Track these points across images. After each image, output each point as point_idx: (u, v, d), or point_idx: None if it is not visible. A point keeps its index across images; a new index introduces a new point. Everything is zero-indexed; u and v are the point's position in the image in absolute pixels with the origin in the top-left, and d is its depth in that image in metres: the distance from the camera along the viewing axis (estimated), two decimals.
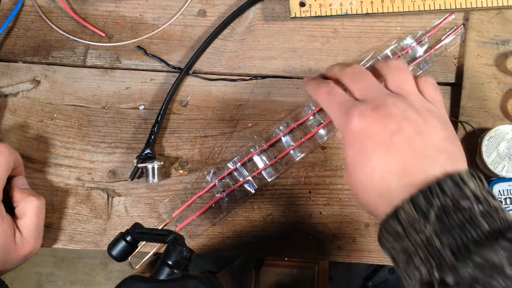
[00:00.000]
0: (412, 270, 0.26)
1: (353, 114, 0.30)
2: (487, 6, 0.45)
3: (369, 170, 0.29)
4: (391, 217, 0.27)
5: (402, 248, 0.27)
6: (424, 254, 0.26)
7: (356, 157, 0.30)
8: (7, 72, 0.48)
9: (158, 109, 0.46)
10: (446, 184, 0.26)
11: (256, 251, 0.46)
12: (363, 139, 0.29)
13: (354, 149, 0.30)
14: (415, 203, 0.26)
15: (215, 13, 0.49)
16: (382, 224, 0.29)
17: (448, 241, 0.25)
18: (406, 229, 0.26)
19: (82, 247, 0.46)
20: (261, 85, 0.48)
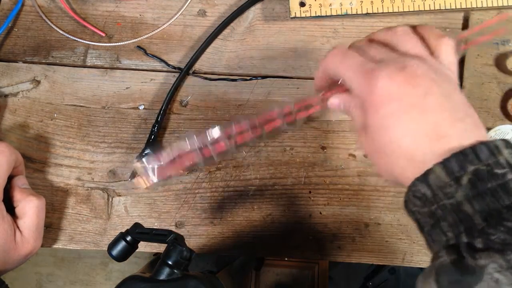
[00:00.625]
0: (438, 233, 0.26)
1: (379, 74, 0.28)
2: (487, 6, 0.45)
3: (399, 133, 0.28)
4: (420, 181, 0.26)
5: (429, 212, 0.26)
6: (453, 218, 0.25)
7: (383, 120, 0.28)
8: (7, 72, 0.48)
9: (158, 109, 0.46)
10: (481, 150, 0.25)
11: (256, 251, 0.46)
12: (392, 101, 0.28)
13: (381, 112, 0.28)
14: (447, 168, 0.25)
15: (215, 13, 0.49)
16: (410, 188, 0.27)
17: (480, 207, 0.24)
18: (435, 193, 0.26)
19: (82, 247, 0.46)
20: (261, 85, 0.48)
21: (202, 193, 0.46)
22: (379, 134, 0.29)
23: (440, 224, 0.26)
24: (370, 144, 0.30)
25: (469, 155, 0.25)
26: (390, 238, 0.46)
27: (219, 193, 0.46)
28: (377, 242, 0.46)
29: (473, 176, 0.25)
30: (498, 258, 0.22)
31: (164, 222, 0.46)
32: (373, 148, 0.30)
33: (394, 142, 0.28)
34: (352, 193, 0.46)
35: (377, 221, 0.46)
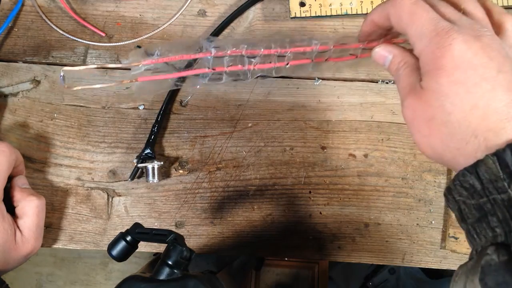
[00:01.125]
0: (484, 228, 0.24)
1: (456, 37, 0.25)
2: None
3: (468, 104, 0.25)
4: (469, 172, 0.25)
5: (477, 205, 0.25)
6: (503, 214, 0.23)
7: (451, 87, 0.25)
8: (7, 72, 0.48)
9: (158, 109, 0.46)
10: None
11: (256, 251, 0.46)
12: (466, 69, 0.25)
13: (451, 77, 0.25)
14: (501, 160, 0.23)
15: (215, 13, 0.49)
16: (457, 177, 0.25)
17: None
18: (486, 186, 0.24)
19: (82, 247, 0.46)
20: (261, 85, 0.48)
21: (202, 193, 0.46)
22: (443, 99, 0.26)
23: (488, 219, 0.24)
24: (423, 109, 0.27)
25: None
26: (390, 238, 0.46)
27: (219, 193, 0.46)
28: (377, 242, 0.46)
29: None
30: None
31: (164, 222, 0.46)
32: (426, 114, 0.27)
33: (460, 113, 0.25)
34: (352, 193, 0.46)
35: (377, 221, 0.46)
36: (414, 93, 0.28)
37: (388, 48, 0.31)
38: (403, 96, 0.29)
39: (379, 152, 0.47)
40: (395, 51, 0.31)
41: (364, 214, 0.46)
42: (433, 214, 0.46)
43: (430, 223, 0.46)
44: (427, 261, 0.46)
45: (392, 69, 0.31)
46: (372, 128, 0.47)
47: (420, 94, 0.27)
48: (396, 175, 0.46)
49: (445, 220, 0.46)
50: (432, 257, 0.46)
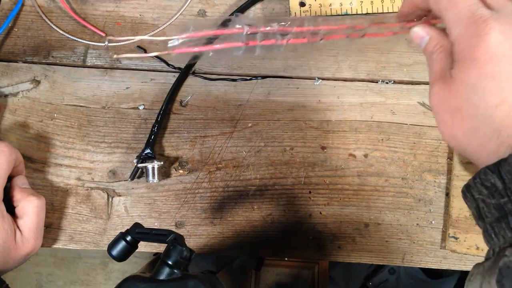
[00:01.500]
0: (503, 228, 0.24)
1: (493, 26, 0.24)
2: None
3: (496, 99, 0.24)
4: (491, 171, 0.24)
5: (497, 204, 0.24)
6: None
7: (481, 80, 0.24)
8: (7, 72, 0.48)
9: (158, 109, 0.46)
10: None
11: (256, 251, 0.46)
12: (498, 62, 0.24)
13: (484, 69, 0.24)
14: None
15: (215, 13, 0.49)
16: (478, 175, 0.25)
17: None
18: (508, 186, 0.23)
19: (82, 247, 0.46)
20: (261, 85, 0.48)
21: (202, 193, 0.46)
22: (471, 92, 0.25)
23: (508, 219, 0.23)
24: (450, 99, 0.26)
25: None
26: (390, 238, 0.46)
27: (219, 193, 0.46)
28: (377, 242, 0.46)
29: None
30: None
31: (164, 222, 0.46)
32: (452, 104, 0.26)
33: (486, 108, 0.24)
34: (352, 193, 0.46)
35: (377, 221, 0.46)
36: (443, 81, 0.27)
37: (427, 29, 0.30)
38: (432, 82, 0.28)
39: (379, 152, 0.47)
40: (433, 33, 0.30)
41: (364, 214, 0.46)
42: (433, 214, 0.46)
43: (430, 223, 0.46)
44: (427, 261, 0.46)
45: (427, 50, 0.30)
46: (372, 128, 0.47)
47: (449, 83, 0.26)
48: (396, 175, 0.46)
49: (445, 220, 0.46)
50: (432, 257, 0.46)
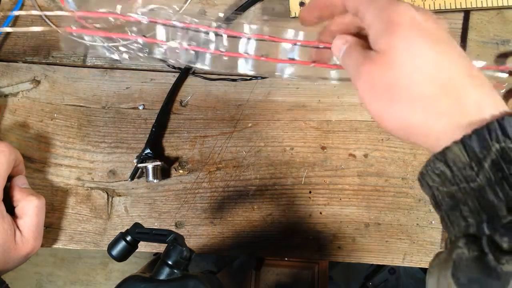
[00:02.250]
0: (457, 217, 0.23)
1: (407, 4, 0.25)
2: (487, 6, 0.45)
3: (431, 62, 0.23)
4: (438, 159, 0.23)
5: (449, 193, 0.23)
6: (474, 205, 0.22)
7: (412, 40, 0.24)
8: (7, 72, 0.48)
9: (158, 109, 0.46)
10: (509, 123, 0.21)
11: (256, 251, 0.46)
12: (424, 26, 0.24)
13: (411, 31, 0.24)
14: (467, 147, 0.22)
15: (215, 13, 0.49)
16: (429, 161, 0.24)
17: (504, 194, 0.21)
18: (455, 174, 0.23)
19: (82, 247, 0.46)
20: (261, 85, 0.48)
21: (202, 193, 0.46)
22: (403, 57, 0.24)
23: (460, 208, 0.23)
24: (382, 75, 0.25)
25: (494, 131, 0.21)
26: (390, 238, 0.46)
27: (219, 193, 0.46)
28: (377, 242, 0.46)
29: (497, 157, 0.21)
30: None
31: (164, 222, 0.46)
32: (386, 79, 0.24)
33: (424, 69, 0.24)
34: (352, 193, 0.46)
35: (377, 221, 0.46)
36: (369, 60, 0.25)
37: (344, 36, 0.30)
38: (356, 67, 0.26)
39: (379, 152, 0.47)
40: (349, 37, 0.29)
41: (364, 214, 0.46)
42: (433, 214, 0.46)
43: (430, 223, 0.46)
44: (427, 261, 0.46)
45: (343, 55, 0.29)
46: (372, 128, 0.47)
47: (377, 58, 0.25)
48: (396, 175, 0.46)
49: None
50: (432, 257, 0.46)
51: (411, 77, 0.24)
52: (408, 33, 0.24)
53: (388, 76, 0.24)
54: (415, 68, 0.24)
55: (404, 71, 0.24)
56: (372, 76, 0.25)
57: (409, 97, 0.24)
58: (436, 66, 0.24)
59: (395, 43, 0.24)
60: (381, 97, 0.25)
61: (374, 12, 0.26)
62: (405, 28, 0.24)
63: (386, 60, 0.24)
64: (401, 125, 0.25)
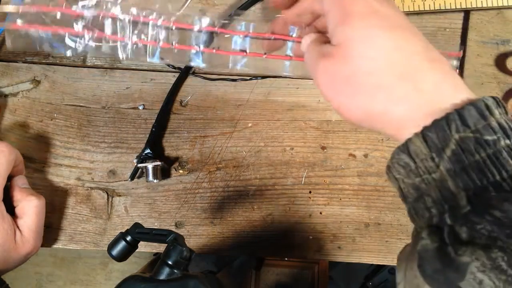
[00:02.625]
0: (422, 208, 0.23)
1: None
2: (487, 6, 0.45)
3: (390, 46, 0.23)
4: (401, 151, 0.23)
5: (413, 184, 0.24)
6: (436, 195, 0.22)
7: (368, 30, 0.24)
8: (7, 72, 0.48)
9: (158, 109, 0.46)
10: (469, 113, 0.21)
11: (256, 251, 0.46)
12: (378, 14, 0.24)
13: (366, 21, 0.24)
14: (427, 139, 0.22)
15: (215, 13, 0.49)
16: (393, 154, 0.24)
17: (464, 184, 0.21)
18: (418, 165, 0.23)
19: (82, 247, 0.46)
20: (261, 85, 0.48)
21: (202, 193, 0.46)
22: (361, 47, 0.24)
23: (424, 199, 0.23)
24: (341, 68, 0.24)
25: (454, 121, 0.21)
26: (390, 238, 0.46)
27: (219, 193, 0.46)
28: (377, 242, 0.46)
29: (457, 147, 0.21)
30: (482, 255, 0.19)
31: (164, 222, 0.46)
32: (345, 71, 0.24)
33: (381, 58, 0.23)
34: (352, 193, 0.46)
35: (377, 221, 0.46)
36: (327, 55, 0.25)
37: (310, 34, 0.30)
38: (315, 63, 0.26)
39: (379, 152, 0.47)
40: (312, 34, 0.30)
41: (364, 214, 0.46)
42: None
43: None
44: None
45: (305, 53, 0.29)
46: None
47: (333, 52, 0.25)
48: None
49: None
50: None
51: (369, 67, 0.23)
52: (363, 22, 0.24)
53: (346, 69, 0.24)
54: (372, 58, 0.23)
55: (362, 62, 0.24)
56: (330, 71, 0.25)
57: (368, 87, 0.24)
58: (393, 52, 0.23)
59: (351, 35, 0.24)
60: (342, 90, 0.25)
61: (330, 2, 0.26)
62: (360, 17, 0.24)
63: (343, 53, 0.24)
64: (363, 115, 0.25)
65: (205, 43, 0.37)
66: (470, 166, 0.21)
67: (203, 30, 0.36)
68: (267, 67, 0.38)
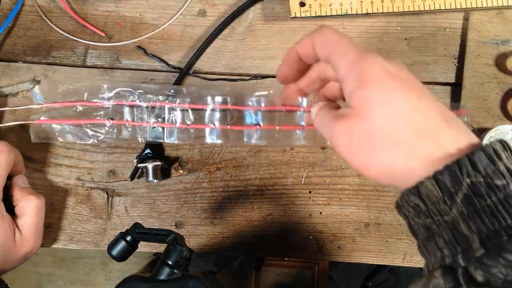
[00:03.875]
0: (433, 248, 0.24)
1: (377, 55, 0.26)
2: (487, 6, 0.45)
3: (408, 108, 0.24)
4: (412, 193, 0.24)
5: (424, 224, 0.24)
6: (448, 237, 0.23)
7: (388, 94, 0.25)
8: (7, 72, 0.48)
9: None
10: (478, 158, 0.22)
11: (256, 251, 0.46)
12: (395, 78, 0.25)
13: (385, 85, 0.25)
14: (439, 182, 0.23)
15: (215, 13, 0.49)
16: (403, 194, 0.25)
17: (476, 227, 0.22)
18: (429, 207, 0.23)
19: (82, 247, 0.46)
20: (261, 85, 0.48)
21: (202, 193, 0.46)
22: (380, 109, 0.25)
23: (436, 239, 0.24)
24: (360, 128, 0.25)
25: (465, 166, 0.22)
26: (390, 238, 0.46)
27: (219, 193, 0.46)
28: (377, 242, 0.46)
29: (469, 191, 0.22)
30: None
31: (164, 222, 0.46)
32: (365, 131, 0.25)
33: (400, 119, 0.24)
34: (352, 193, 0.46)
35: (377, 221, 0.46)
36: (344, 117, 0.27)
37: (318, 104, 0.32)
38: (331, 126, 0.28)
39: None
40: (320, 102, 0.32)
41: (364, 214, 0.46)
42: None
43: None
44: None
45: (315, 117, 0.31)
46: None
47: (351, 114, 0.26)
48: None
49: None
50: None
51: (389, 127, 0.25)
52: (381, 86, 0.25)
53: (365, 128, 0.25)
54: (391, 119, 0.25)
55: (381, 122, 0.25)
56: (349, 131, 0.26)
57: (388, 145, 0.25)
58: (411, 113, 0.25)
59: (370, 97, 0.25)
60: (361, 149, 0.26)
61: (346, 66, 0.27)
62: (378, 81, 0.25)
63: (362, 114, 0.25)
64: (384, 172, 0.25)
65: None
66: (482, 210, 0.22)
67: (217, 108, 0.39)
68: (280, 139, 0.39)
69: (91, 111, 0.40)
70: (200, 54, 0.48)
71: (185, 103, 0.40)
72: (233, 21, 0.48)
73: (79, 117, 0.40)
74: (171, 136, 0.41)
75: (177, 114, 0.40)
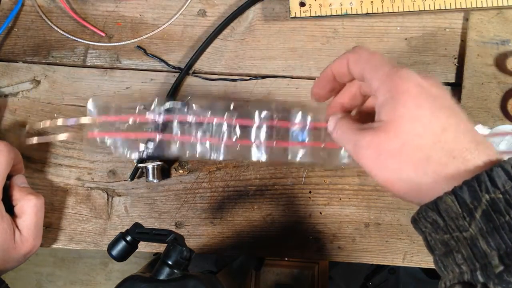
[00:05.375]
0: (451, 263, 0.24)
1: (410, 70, 0.26)
2: (487, 6, 0.45)
3: (438, 127, 0.25)
4: (430, 209, 0.24)
5: (442, 240, 0.24)
6: (467, 253, 0.23)
7: (419, 110, 0.25)
8: (7, 72, 0.48)
9: None
10: (497, 174, 0.22)
11: (256, 251, 0.46)
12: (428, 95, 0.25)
13: (417, 101, 0.25)
14: (458, 198, 0.23)
15: (215, 13, 0.49)
16: (420, 210, 0.25)
17: (495, 244, 0.22)
18: (448, 223, 0.24)
19: (82, 247, 0.46)
20: (261, 85, 0.48)
21: (202, 193, 0.46)
22: (410, 125, 0.25)
23: (454, 255, 0.24)
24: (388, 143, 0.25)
25: (484, 182, 0.22)
26: (390, 238, 0.46)
27: (219, 193, 0.46)
28: (377, 242, 0.46)
29: (488, 207, 0.22)
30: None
31: (164, 222, 0.46)
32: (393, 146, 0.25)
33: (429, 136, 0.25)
34: (352, 193, 0.46)
35: (377, 221, 0.46)
36: (371, 131, 0.27)
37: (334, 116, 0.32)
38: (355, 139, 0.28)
39: None
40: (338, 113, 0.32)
41: (364, 214, 0.46)
42: None
43: None
44: (427, 261, 0.46)
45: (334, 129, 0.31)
46: None
47: (380, 127, 0.26)
48: None
49: None
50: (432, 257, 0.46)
51: (418, 143, 0.25)
52: (413, 102, 0.25)
53: (394, 143, 0.25)
54: (420, 135, 0.25)
55: (410, 137, 0.25)
56: (376, 145, 0.26)
57: (416, 161, 0.25)
58: (440, 132, 0.25)
59: (400, 112, 0.25)
60: (388, 164, 0.26)
61: (379, 79, 0.27)
62: (409, 97, 0.25)
63: (392, 129, 0.25)
64: (410, 188, 0.25)
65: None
66: (501, 227, 0.22)
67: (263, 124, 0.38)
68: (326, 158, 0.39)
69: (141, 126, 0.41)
70: (200, 54, 0.48)
71: (232, 118, 0.40)
72: (233, 21, 0.48)
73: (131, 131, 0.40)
74: (219, 152, 0.41)
75: (223, 130, 0.40)
